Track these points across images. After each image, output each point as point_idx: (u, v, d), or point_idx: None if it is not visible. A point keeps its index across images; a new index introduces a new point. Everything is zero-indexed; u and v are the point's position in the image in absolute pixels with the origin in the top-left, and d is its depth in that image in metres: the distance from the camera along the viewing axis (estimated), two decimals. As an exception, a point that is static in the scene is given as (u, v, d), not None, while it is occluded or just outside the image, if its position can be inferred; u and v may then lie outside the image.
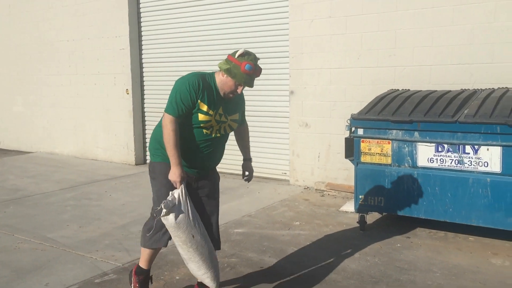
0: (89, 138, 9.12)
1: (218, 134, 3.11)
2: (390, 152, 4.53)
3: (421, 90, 5.08)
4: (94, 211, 5.58)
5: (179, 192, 2.98)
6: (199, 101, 2.98)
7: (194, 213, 3.03)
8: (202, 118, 2.99)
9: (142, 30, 8.41)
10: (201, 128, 3.03)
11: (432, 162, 4.35)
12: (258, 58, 3.04)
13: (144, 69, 8.50)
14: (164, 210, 2.89)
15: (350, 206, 5.42)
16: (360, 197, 4.73)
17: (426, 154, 4.37)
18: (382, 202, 4.64)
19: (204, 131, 3.04)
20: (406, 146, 4.45)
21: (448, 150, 4.27)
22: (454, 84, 5.36)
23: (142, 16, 8.37)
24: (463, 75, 5.38)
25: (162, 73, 8.24)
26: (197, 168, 3.14)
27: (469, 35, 5.34)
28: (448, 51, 5.47)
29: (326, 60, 6.31)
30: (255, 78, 3.05)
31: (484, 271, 3.77)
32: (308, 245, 4.41)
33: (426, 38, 5.59)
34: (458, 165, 4.23)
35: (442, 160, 4.31)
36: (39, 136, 9.98)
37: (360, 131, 4.67)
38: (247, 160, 3.52)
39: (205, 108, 2.99)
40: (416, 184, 4.44)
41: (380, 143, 4.57)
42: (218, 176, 3.37)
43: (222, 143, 3.23)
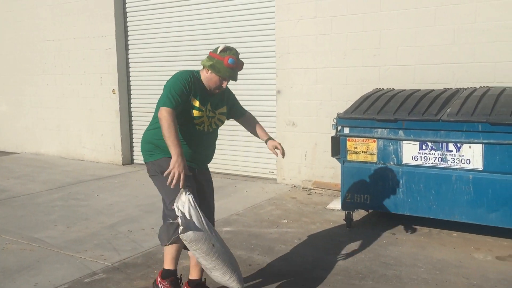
0: (74, 138, 9.08)
1: (210, 129, 3.21)
2: (375, 150, 4.61)
3: (405, 89, 5.17)
4: (82, 211, 5.57)
5: (189, 201, 2.86)
6: (192, 97, 3.07)
7: (206, 219, 2.94)
8: (195, 114, 3.08)
9: (128, 30, 8.40)
10: (194, 124, 3.10)
11: (416, 160, 4.45)
12: (239, 53, 3.15)
13: (130, 68, 8.49)
14: (181, 227, 2.76)
15: (336, 204, 5.50)
16: (346, 195, 4.80)
17: (410, 152, 4.46)
18: (368, 199, 4.72)
19: (197, 128, 3.12)
20: (391, 144, 4.54)
21: (431, 148, 4.36)
22: (437, 83, 5.47)
23: (128, 15, 8.35)
24: (446, 75, 5.49)
25: (149, 73, 8.24)
26: (194, 164, 3.20)
27: (451, 36, 5.45)
28: (431, 51, 5.58)
29: (312, 59, 6.39)
30: (238, 72, 3.17)
31: (467, 266, 3.86)
32: (295, 242, 4.47)
33: (409, 38, 5.69)
34: (442, 162, 4.33)
35: (426, 157, 4.40)
36: (24, 136, 9.90)
37: (346, 130, 4.75)
38: (269, 139, 3.51)
39: (197, 103, 3.09)
40: (401, 181, 4.53)
41: (365, 142, 4.65)
42: (209, 173, 3.45)
43: (214, 139, 3.33)
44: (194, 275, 3.31)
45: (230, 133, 7.16)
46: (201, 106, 3.10)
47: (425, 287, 3.48)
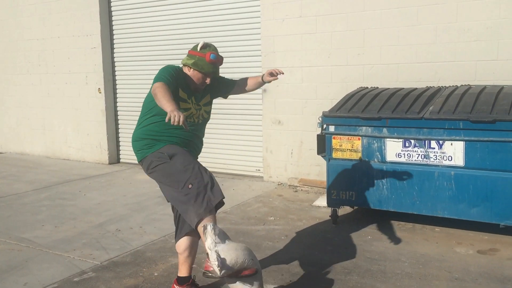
0: (60, 138, 9.04)
1: (200, 121, 3.29)
2: (360, 148, 4.70)
3: (389, 88, 5.27)
4: (69, 211, 5.58)
5: (211, 235, 2.78)
6: (180, 89, 3.14)
7: (228, 238, 2.91)
8: (183, 106, 3.15)
9: (114, 29, 8.38)
10: (185, 117, 3.14)
11: (400, 157, 4.54)
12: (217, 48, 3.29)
13: (116, 67, 8.48)
14: (223, 271, 2.68)
15: (322, 201, 5.58)
16: (332, 192, 4.88)
17: (394, 149, 4.55)
18: (353, 196, 4.81)
19: (187, 120, 3.18)
20: (375, 142, 4.63)
21: (414, 145, 4.46)
22: (420, 81, 5.58)
23: (113, 14, 8.33)
24: (428, 73, 5.61)
25: (134, 71, 8.24)
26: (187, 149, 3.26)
27: (433, 35, 5.57)
28: (413, 50, 5.69)
29: (297, 58, 6.46)
30: (219, 67, 3.29)
31: (449, 260, 3.97)
32: (282, 239, 4.54)
33: (393, 38, 5.79)
34: (424, 159, 4.43)
35: (409, 155, 4.50)
36: (8, 136, 9.82)
37: (331, 128, 4.82)
38: (262, 76, 3.53)
39: (185, 96, 3.17)
40: (385, 178, 4.62)
41: (350, 140, 4.74)
42: None
43: (203, 130, 3.41)
44: (183, 272, 3.36)
45: (216, 131, 7.21)
46: (187, 98, 3.19)
47: (408, 281, 3.58)
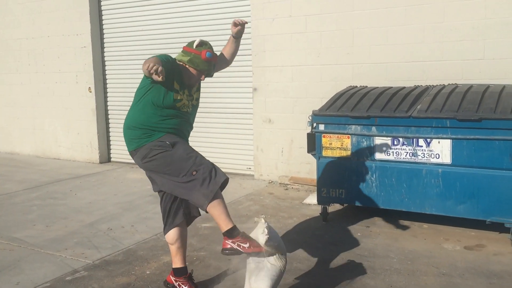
0: (50, 137, 9.01)
1: (190, 109, 3.35)
2: (349, 146, 4.76)
3: (377, 87, 5.33)
4: (60, 210, 5.58)
5: (264, 232, 3.01)
6: (175, 81, 3.20)
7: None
8: (176, 97, 3.21)
9: (104, 28, 8.37)
10: (177, 107, 3.23)
11: (388, 155, 4.61)
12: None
13: (106, 67, 8.47)
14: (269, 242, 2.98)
15: (313, 199, 5.63)
16: (322, 189, 4.95)
17: (383, 147, 4.62)
18: (343, 194, 4.87)
19: (182, 110, 3.27)
20: (364, 140, 4.69)
21: (403, 144, 4.53)
22: (408, 80, 5.65)
23: (103, 13, 8.33)
24: (416, 72, 5.68)
25: (125, 70, 8.23)
26: (180, 138, 3.31)
27: (420, 34, 5.64)
28: (402, 49, 5.77)
29: (287, 57, 6.51)
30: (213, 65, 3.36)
31: (437, 256, 4.05)
32: (273, 237, 4.59)
33: (381, 37, 5.87)
34: (412, 157, 4.50)
35: (397, 153, 4.57)
36: (-2, 136, 9.78)
37: (321, 127, 4.88)
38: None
39: (178, 87, 3.22)
40: (374, 176, 4.69)
41: (340, 138, 4.80)
42: None
43: (194, 116, 3.46)
44: (178, 263, 3.43)
45: (208, 130, 7.25)
46: (180, 90, 3.24)
47: (397, 277, 3.65)
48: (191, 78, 3.30)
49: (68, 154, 8.82)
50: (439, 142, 4.36)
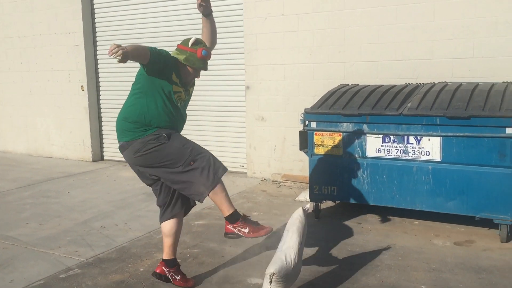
0: (43, 136, 8.99)
1: (184, 102, 3.43)
2: (341, 143, 4.81)
3: (369, 85, 5.38)
4: (54, 209, 5.59)
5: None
6: (174, 73, 3.24)
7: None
8: (175, 89, 3.26)
9: (96, 26, 8.36)
10: (174, 100, 3.28)
11: (379, 152, 4.66)
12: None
13: (99, 65, 8.46)
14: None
15: (305, 196, 5.68)
16: (314, 187, 4.99)
17: (374, 145, 4.67)
18: (335, 191, 4.92)
19: (179, 103, 3.33)
20: (356, 138, 4.74)
21: (394, 141, 4.58)
22: (399, 78, 5.70)
23: (96, 12, 8.31)
24: (407, 70, 5.74)
25: (117, 69, 8.20)
26: (175, 130, 3.38)
27: (411, 33, 5.70)
28: (393, 48, 5.82)
29: (280, 56, 6.55)
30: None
31: (427, 251, 4.11)
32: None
33: (372, 36, 5.91)
34: (403, 154, 4.55)
35: (388, 150, 4.62)
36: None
37: (313, 125, 4.93)
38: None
39: (178, 81, 3.27)
40: (365, 173, 4.74)
41: (332, 136, 4.84)
42: None
43: (185, 111, 3.53)
44: (171, 254, 3.49)
45: (200, 128, 7.27)
46: (179, 83, 3.30)
47: (388, 272, 3.70)
48: (188, 76, 3.34)
49: (61, 153, 8.81)
50: (429, 140, 4.41)
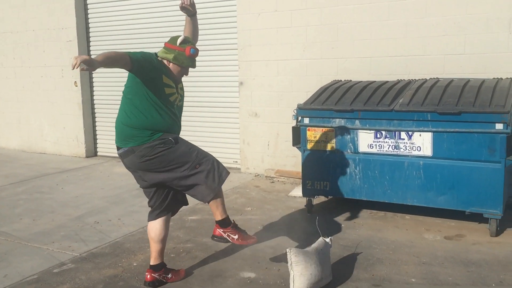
0: (36, 132, 8.97)
1: (180, 103, 3.44)
2: (334, 139, 4.84)
3: (361, 81, 5.42)
4: (47, 204, 5.60)
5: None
6: (164, 75, 3.26)
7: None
8: (169, 91, 3.28)
9: (90, 22, 8.34)
10: (170, 101, 3.30)
11: (371, 148, 4.70)
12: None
13: (92, 61, 8.43)
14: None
15: (298, 191, 5.71)
16: (307, 182, 5.03)
17: (366, 140, 4.71)
18: (328, 186, 4.96)
19: (175, 104, 3.36)
20: (348, 133, 4.78)
21: (385, 137, 4.63)
22: (391, 74, 5.74)
23: (89, 7, 8.29)
24: (399, 67, 5.78)
25: (111, 65, 8.21)
26: (171, 133, 3.38)
27: (403, 29, 5.74)
28: (385, 44, 5.85)
29: (273, 52, 6.57)
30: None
31: (418, 245, 4.16)
32: (259, 228, 4.67)
33: (365, 32, 5.95)
34: (395, 150, 4.60)
35: (380, 146, 4.66)
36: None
37: (306, 120, 4.96)
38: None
39: (169, 82, 3.29)
40: (358, 168, 4.78)
41: (324, 131, 4.88)
42: None
43: (182, 109, 3.53)
44: (160, 259, 3.53)
45: (194, 124, 7.28)
46: (171, 83, 3.31)
47: (379, 266, 3.75)
48: (177, 74, 3.36)
49: (54, 149, 8.79)
50: (421, 135, 4.46)
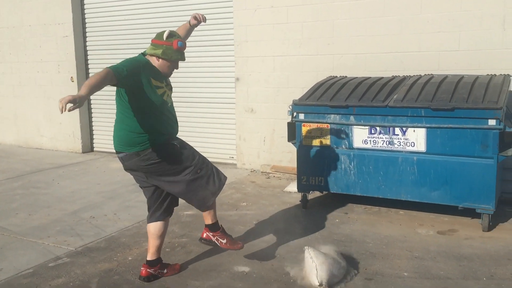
0: (32, 127, 8.98)
1: (171, 100, 3.45)
2: (328, 135, 4.87)
3: (356, 77, 5.44)
4: (43, 199, 5.61)
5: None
6: (152, 79, 3.24)
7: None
8: (160, 92, 3.29)
9: (86, 17, 8.34)
10: (164, 100, 3.32)
11: (366, 143, 4.73)
12: None
13: (88, 56, 8.45)
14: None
15: (293, 187, 5.72)
16: (302, 177, 5.05)
17: (360, 136, 4.74)
18: (322, 181, 4.99)
19: (168, 103, 3.37)
20: (343, 129, 4.80)
21: (380, 132, 4.65)
22: (386, 71, 5.76)
23: (85, 2, 8.29)
24: (394, 63, 5.80)
25: (107, 60, 8.17)
26: (173, 134, 3.43)
27: (398, 26, 5.75)
28: (380, 40, 5.87)
29: (269, 48, 6.58)
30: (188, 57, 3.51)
31: (411, 240, 4.19)
32: (254, 223, 4.70)
33: (360, 28, 5.96)
34: (389, 145, 4.63)
35: (375, 141, 4.69)
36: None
37: (301, 116, 4.98)
38: (189, 21, 3.77)
39: (158, 83, 3.29)
40: (352, 164, 4.81)
41: (319, 127, 4.90)
42: None
43: (174, 110, 3.54)
44: (156, 255, 3.53)
45: (190, 119, 7.30)
46: (160, 83, 3.31)
47: (372, 261, 3.78)
48: (167, 69, 3.36)
49: (50, 144, 8.80)
50: (414, 131, 4.48)
